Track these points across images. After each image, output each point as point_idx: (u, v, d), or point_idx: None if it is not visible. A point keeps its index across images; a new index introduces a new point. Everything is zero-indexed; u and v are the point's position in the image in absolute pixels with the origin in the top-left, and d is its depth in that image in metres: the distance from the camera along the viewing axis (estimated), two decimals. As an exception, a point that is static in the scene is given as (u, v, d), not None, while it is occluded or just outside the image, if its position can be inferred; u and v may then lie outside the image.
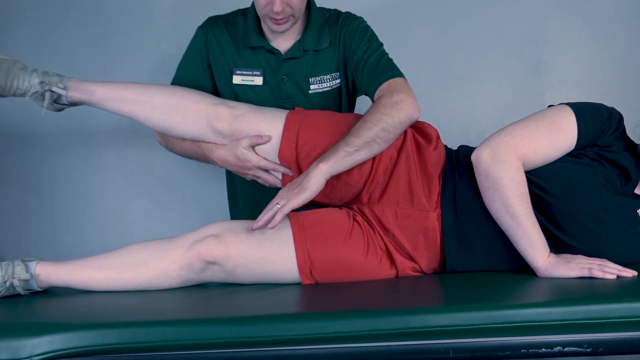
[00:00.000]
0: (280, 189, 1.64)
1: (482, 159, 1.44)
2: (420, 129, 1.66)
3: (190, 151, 1.71)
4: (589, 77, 2.34)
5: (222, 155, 1.65)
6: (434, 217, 1.53)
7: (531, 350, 1.17)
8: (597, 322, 1.17)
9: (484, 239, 1.51)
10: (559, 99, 1.65)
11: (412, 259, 1.54)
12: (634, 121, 1.58)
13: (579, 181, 1.46)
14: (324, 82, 1.84)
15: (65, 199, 2.38)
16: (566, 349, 1.17)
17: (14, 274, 1.48)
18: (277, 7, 1.64)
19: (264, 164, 1.62)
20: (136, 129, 2.34)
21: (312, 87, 1.83)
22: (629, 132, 1.57)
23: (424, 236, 1.53)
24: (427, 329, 1.17)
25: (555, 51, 2.33)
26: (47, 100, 1.61)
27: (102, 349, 1.16)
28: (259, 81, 1.82)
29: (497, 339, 1.18)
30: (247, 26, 1.81)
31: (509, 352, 1.18)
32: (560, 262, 1.41)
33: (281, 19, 1.68)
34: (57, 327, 1.17)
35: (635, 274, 1.37)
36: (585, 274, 1.37)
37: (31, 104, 1.64)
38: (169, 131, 1.68)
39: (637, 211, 1.49)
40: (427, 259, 1.54)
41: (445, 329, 1.17)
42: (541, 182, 1.47)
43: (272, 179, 1.65)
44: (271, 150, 1.61)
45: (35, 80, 1.59)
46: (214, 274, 1.51)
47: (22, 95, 1.61)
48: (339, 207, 1.63)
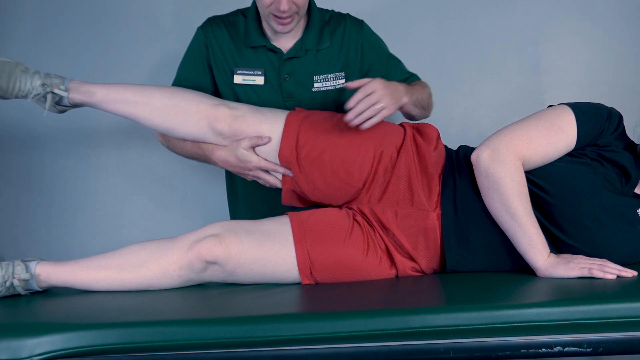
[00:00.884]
0: (280, 189, 1.65)
1: (482, 159, 1.44)
2: (420, 130, 1.66)
3: (191, 152, 1.72)
4: (589, 77, 2.33)
5: (223, 156, 1.65)
6: (434, 217, 1.53)
7: (531, 350, 1.17)
8: (597, 322, 1.17)
9: (484, 239, 1.51)
10: (559, 99, 1.65)
11: (412, 258, 1.54)
12: (634, 121, 1.57)
13: (579, 181, 1.46)
14: (328, 81, 1.85)
15: (64, 199, 2.38)
16: (566, 349, 1.17)
17: (14, 273, 1.48)
18: (284, 6, 1.64)
19: (264, 164, 1.63)
20: (136, 129, 2.34)
21: (315, 85, 1.84)
22: (629, 132, 1.57)
23: (424, 236, 1.53)
24: (427, 329, 1.17)
25: (555, 51, 2.33)
26: (49, 102, 1.62)
27: (102, 349, 1.16)
28: (260, 81, 1.82)
29: (497, 339, 1.18)
30: (247, 26, 1.81)
31: (509, 352, 1.18)
32: (560, 262, 1.41)
33: (286, 18, 1.68)
34: (57, 327, 1.17)
35: (635, 274, 1.37)
36: (585, 274, 1.37)
37: (31, 104, 1.64)
38: (170, 132, 1.69)
39: (637, 211, 1.49)
40: (427, 258, 1.54)
41: (445, 329, 1.17)
42: (541, 182, 1.47)
43: (273, 180, 1.66)
44: (271, 150, 1.61)
45: (37, 82, 1.59)
46: (214, 274, 1.51)
47: (24, 97, 1.61)
48: (339, 207, 1.63)
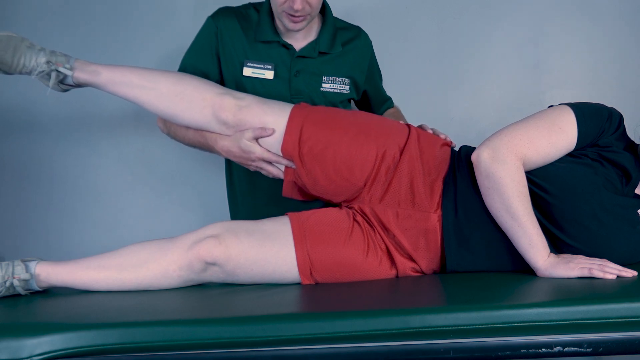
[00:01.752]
0: (282, 180, 1.65)
1: (482, 159, 1.44)
2: (424, 133, 1.66)
3: (193, 140, 1.71)
4: (589, 77, 2.34)
5: (226, 146, 1.65)
6: (435, 219, 1.53)
7: (531, 350, 1.17)
8: (597, 322, 1.17)
9: (484, 239, 1.51)
10: (559, 99, 1.65)
11: (412, 259, 1.54)
12: (634, 121, 1.58)
13: (580, 181, 1.46)
14: (336, 84, 1.89)
15: (64, 196, 2.38)
16: (566, 349, 1.17)
17: (14, 273, 1.48)
18: (298, 5, 1.67)
19: (267, 156, 1.62)
20: (137, 124, 2.34)
21: (324, 85, 1.87)
22: (630, 133, 1.57)
23: (424, 237, 1.53)
24: (427, 329, 1.17)
25: (555, 51, 2.33)
26: (52, 79, 1.61)
27: (102, 349, 1.16)
28: (269, 75, 1.84)
29: (497, 339, 1.18)
30: (260, 21, 1.83)
31: (509, 352, 1.18)
32: (560, 262, 1.41)
33: (299, 16, 1.71)
34: (57, 327, 1.17)
35: (635, 274, 1.37)
36: (585, 274, 1.37)
37: (31, 98, 1.64)
38: (173, 118, 1.68)
39: (638, 211, 1.49)
40: (427, 259, 1.54)
41: (445, 329, 1.17)
42: (542, 182, 1.47)
43: (275, 171, 1.65)
44: (275, 142, 1.61)
45: (42, 59, 1.59)
46: (213, 275, 1.51)
47: (28, 73, 1.60)
48: (339, 206, 1.63)
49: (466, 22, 2.34)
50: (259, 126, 1.60)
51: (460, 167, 1.57)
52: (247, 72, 1.84)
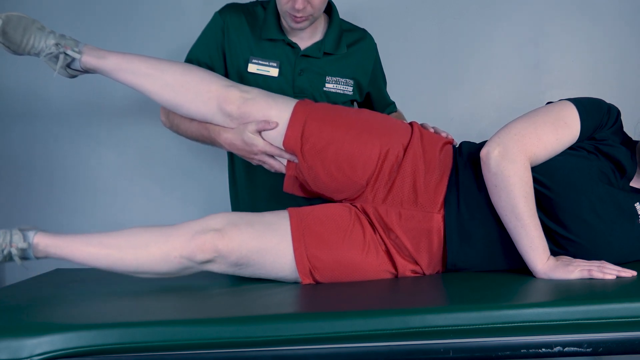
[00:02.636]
0: (284, 176, 1.65)
1: (492, 157, 1.43)
2: (427, 131, 1.66)
3: (196, 133, 1.71)
4: (589, 77, 2.34)
5: (229, 138, 1.65)
6: (439, 219, 1.53)
7: (531, 350, 1.17)
8: (597, 322, 1.17)
9: (486, 235, 1.51)
10: (559, 99, 1.65)
11: (413, 260, 1.54)
12: (634, 121, 1.58)
13: (578, 174, 1.46)
14: (339, 84, 1.90)
15: (64, 189, 2.38)
16: (566, 349, 1.17)
17: (11, 242, 1.47)
18: (299, 5, 1.68)
19: (269, 149, 1.62)
20: (138, 121, 2.34)
21: (327, 85, 1.88)
22: (630, 131, 1.57)
23: (427, 238, 1.53)
24: (427, 329, 1.17)
25: (555, 51, 2.34)
26: (60, 63, 1.61)
27: (102, 349, 1.15)
28: (274, 72, 1.85)
29: (497, 339, 1.18)
30: (266, 18, 1.85)
31: (509, 352, 1.18)
32: (559, 265, 1.41)
33: (301, 17, 1.72)
34: (57, 327, 1.17)
35: (634, 274, 1.37)
36: (585, 275, 1.37)
37: (32, 90, 1.63)
38: (178, 109, 1.67)
39: (635, 205, 1.49)
40: (428, 260, 1.54)
41: (445, 329, 1.17)
42: (540, 177, 1.47)
43: (278, 165, 1.65)
44: (278, 136, 1.60)
45: (51, 41, 1.59)
46: (214, 266, 1.51)
47: (37, 55, 1.61)
48: (341, 202, 1.62)
49: (466, 22, 2.34)
50: (263, 119, 1.60)
51: (462, 163, 1.57)
52: (252, 68, 1.85)
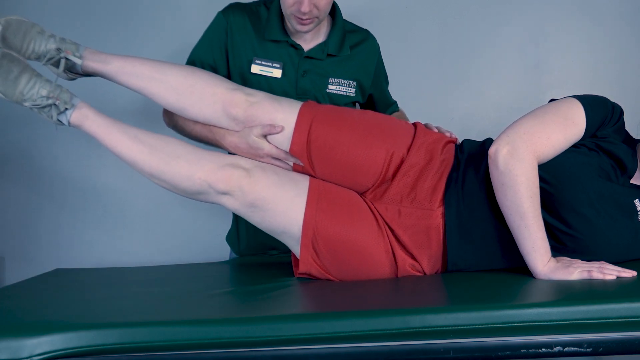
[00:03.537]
0: None
1: (501, 155, 1.43)
2: (430, 131, 1.66)
3: (200, 135, 1.71)
4: (589, 77, 2.34)
5: (234, 142, 1.64)
6: (438, 215, 1.53)
7: (531, 350, 1.17)
8: (597, 322, 1.17)
9: (487, 233, 1.51)
10: (562, 97, 1.65)
11: (413, 257, 1.54)
12: (634, 121, 1.58)
13: (577, 169, 1.46)
14: (342, 86, 1.90)
15: (65, 193, 2.38)
16: (566, 349, 1.17)
17: (60, 96, 1.54)
18: (305, 8, 1.68)
19: (275, 152, 1.62)
20: (139, 123, 2.33)
21: (330, 87, 1.89)
22: (631, 131, 1.57)
23: (426, 235, 1.53)
24: (427, 329, 1.17)
25: (555, 51, 2.34)
26: (61, 67, 1.60)
27: (102, 349, 1.15)
28: (277, 73, 1.85)
29: (497, 339, 1.18)
30: (270, 19, 1.84)
31: (509, 352, 1.18)
32: (559, 267, 1.40)
33: (307, 19, 1.72)
34: (57, 327, 1.17)
35: (634, 274, 1.36)
36: (585, 276, 1.37)
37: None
38: (182, 111, 1.67)
39: (635, 201, 1.49)
40: (428, 257, 1.54)
41: (445, 329, 1.17)
42: (540, 172, 1.47)
43: (284, 167, 1.65)
44: (284, 140, 1.60)
45: (52, 45, 1.58)
46: (229, 201, 1.55)
47: (37, 59, 1.59)
48: None
49: (467, 22, 2.34)
50: (269, 123, 1.60)
51: (463, 161, 1.57)
52: (255, 69, 1.85)
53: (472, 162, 1.56)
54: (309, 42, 1.86)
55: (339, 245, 1.52)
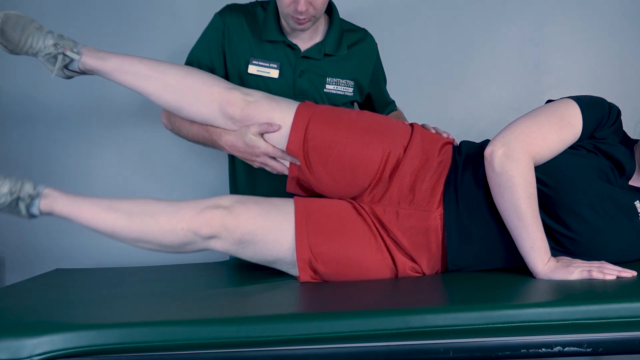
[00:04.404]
0: (286, 177, 1.65)
1: (496, 156, 1.43)
2: (427, 132, 1.66)
3: (197, 135, 1.71)
4: (589, 77, 2.34)
5: (231, 140, 1.64)
6: (437, 217, 1.53)
7: (531, 350, 1.17)
8: (597, 322, 1.17)
9: (486, 235, 1.51)
10: (560, 97, 1.65)
11: (412, 259, 1.54)
12: (634, 120, 1.58)
13: (577, 172, 1.46)
14: (340, 85, 1.90)
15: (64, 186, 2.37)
16: (566, 349, 1.17)
17: (21, 188, 1.50)
18: (302, 7, 1.68)
19: (272, 151, 1.62)
20: (137, 123, 2.34)
21: (327, 86, 1.89)
22: (630, 131, 1.57)
23: (425, 236, 1.53)
24: (427, 329, 1.17)
25: (555, 51, 2.34)
26: (58, 63, 1.60)
27: (102, 349, 1.16)
28: (274, 74, 1.85)
29: (497, 339, 1.18)
30: (266, 19, 1.85)
31: (509, 352, 1.18)
32: (559, 266, 1.41)
33: (303, 18, 1.72)
34: (57, 327, 1.17)
35: (634, 274, 1.36)
36: (585, 276, 1.37)
37: (30, 93, 1.62)
38: (179, 111, 1.67)
39: (635, 203, 1.49)
40: (428, 259, 1.54)
41: (445, 329, 1.17)
42: (538, 175, 1.47)
43: (280, 167, 1.65)
44: (281, 139, 1.60)
45: (49, 41, 1.58)
46: (217, 243, 1.52)
47: (35, 55, 1.59)
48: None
49: (466, 22, 2.34)
50: (266, 122, 1.60)
51: (461, 163, 1.57)
52: (252, 70, 1.85)
53: (470, 163, 1.56)
54: (306, 42, 1.86)
55: (337, 262, 1.52)
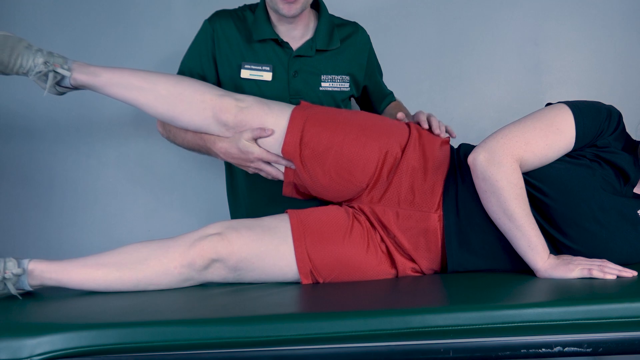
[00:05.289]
0: (282, 181, 1.65)
1: (478, 162, 1.44)
2: (425, 131, 1.66)
3: (192, 143, 1.71)
4: (589, 77, 2.33)
5: (225, 147, 1.64)
6: (436, 218, 1.53)
7: (531, 350, 1.17)
8: (597, 322, 1.17)
9: (485, 241, 1.51)
10: (559, 99, 1.65)
11: (412, 259, 1.54)
12: (635, 121, 1.57)
13: (578, 183, 1.45)
14: (335, 82, 1.88)
15: (63, 200, 2.38)
16: (566, 349, 1.17)
17: (5, 269, 1.43)
18: None
19: (266, 156, 1.62)
20: (137, 127, 2.34)
21: (323, 84, 1.87)
22: (632, 132, 1.56)
23: (424, 237, 1.53)
24: (427, 329, 1.17)
25: (555, 51, 2.33)
26: (50, 81, 1.59)
27: (102, 349, 1.16)
28: (268, 77, 1.84)
29: (497, 339, 1.18)
30: (256, 20, 1.84)
31: (509, 352, 1.18)
32: (560, 263, 1.41)
33: (292, 0, 1.70)
34: (57, 327, 1.17)
35: (635, 274, 1.37)
36: (585, 274, 1.37)
37: (29, 102, 1.63)
38: (172, 121, 1.67)
39: (638, 211, 1.49)
40: (427, 259, 1.54)
41: (445, 329, 1.17)
42: (539, 185, 1.47)
43: (275, 172, 1.65)
44: (275, 143, 1.60)
45: (39, 59, 1.57)
46: (215, 272, 1.50)
47: (25, 74, 1.58)
48: (339, 204, 1.62)
49: (466, 21, 2.34)
50: (259, 127, 1.60)
51: (460, 166, 1.57)
52: (245, 74, 1.83)
53: (468, 167, 1.55)
54: (297, 40, 1.85)
55: (339, 269, 1.52)
